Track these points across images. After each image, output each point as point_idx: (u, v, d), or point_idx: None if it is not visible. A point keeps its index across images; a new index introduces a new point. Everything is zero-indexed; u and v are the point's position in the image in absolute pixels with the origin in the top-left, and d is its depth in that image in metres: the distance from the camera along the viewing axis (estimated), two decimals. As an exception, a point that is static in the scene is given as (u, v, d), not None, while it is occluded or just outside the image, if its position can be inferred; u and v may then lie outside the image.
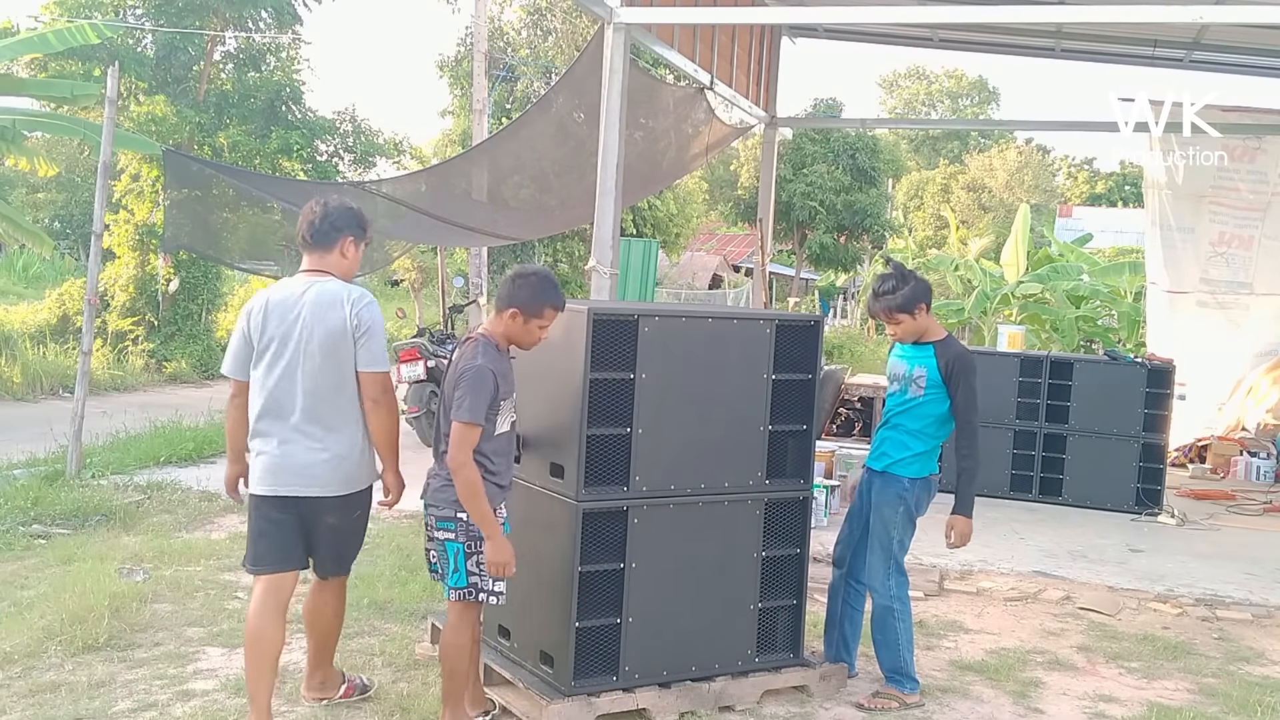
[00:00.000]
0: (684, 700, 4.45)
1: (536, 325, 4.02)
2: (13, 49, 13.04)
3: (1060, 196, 50.98)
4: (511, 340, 4.06)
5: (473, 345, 4.00)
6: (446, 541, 4.00)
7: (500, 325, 4.03)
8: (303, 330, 4.00)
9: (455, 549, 3.98)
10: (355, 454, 4.11)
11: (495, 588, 4.01)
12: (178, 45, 16.71)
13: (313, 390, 4.01)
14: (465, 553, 3.97)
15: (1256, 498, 9.75)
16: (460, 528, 3.96)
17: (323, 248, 4.11)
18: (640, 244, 18.26)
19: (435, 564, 4.09)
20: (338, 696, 4.41)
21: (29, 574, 6.03)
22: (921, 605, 6.22)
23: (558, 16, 24.06)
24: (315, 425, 4.02)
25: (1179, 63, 12.60)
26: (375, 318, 4.07)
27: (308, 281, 4.08)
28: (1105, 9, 8.27)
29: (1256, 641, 5.90)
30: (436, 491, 4.03)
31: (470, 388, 3.85)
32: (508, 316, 4.00)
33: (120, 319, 16.20)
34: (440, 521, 4.01)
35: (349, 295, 4.04)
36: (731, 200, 33.33)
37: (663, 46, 9.77)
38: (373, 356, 4.05)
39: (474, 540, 3.96)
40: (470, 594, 4.00)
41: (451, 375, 3.99)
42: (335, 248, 4.12)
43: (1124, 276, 18.23)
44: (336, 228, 4.11)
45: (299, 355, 4.00)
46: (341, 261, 4.14)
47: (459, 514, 3.94)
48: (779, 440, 4.68)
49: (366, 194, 11.22)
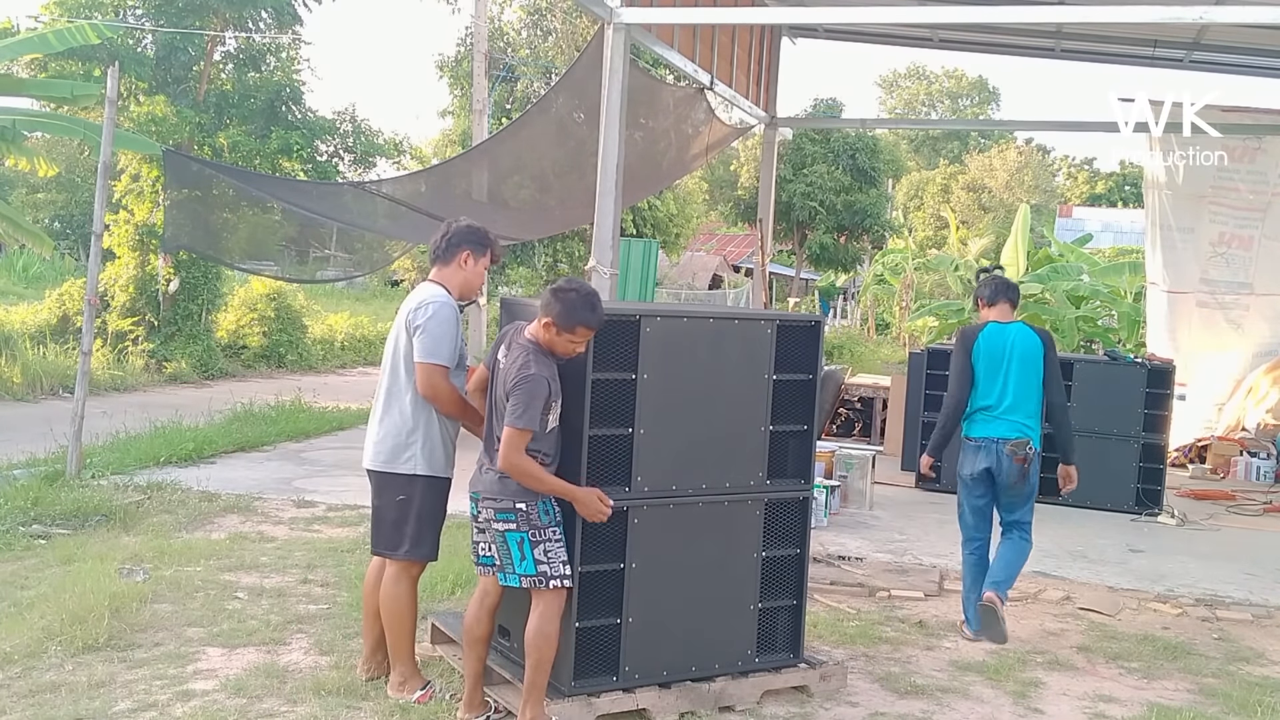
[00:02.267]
0: (684, 700, 4.45)
1: (568, 340, 4.07)
2: (13, 49, 13.03)
3: (1060, 196, 51.03)
4: (551, 349, 4.11)
5: (521, 350, 4.07)
6: (508, 533, 4.07)
7: (541, 333, 4.09)
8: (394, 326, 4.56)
9: (519, 538, 4.07)
10: (401, 437, 4.42)
11: (564, 571, 4.09)
12: (178, 45, 16.69)
13: (383, 376, 4.56)
14: (531, 541, 4.06)
15: (1256, 498, 9.76)
16: (521, 517, 4.06)
17: (442, 261, 4.56)
18: (640, 244, 18.21)
19: (488, 556, 4.15)
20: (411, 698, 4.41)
21: (29, 574, 6.03)
22: (921, 605, 6.22)
23: (558, 16, 24.04)
24: (378, 406, 4.52)
25: (1179, 63, 12.61)
26: (436, 315, 4.36)
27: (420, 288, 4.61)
28: (1105, 9, 8.28)
29: (1256, 641, 5.90)
30: (493, 483, 4.10)
31: (526, 396, 3.97)
32: (542, 325, 4.07)
33: (120, 319, 16.19)
34: (500, 514, 4.08)
35: (426, 296, 4.44)
36: (731, 200, 33.32)
37: (663, 47, 9.77)
38: (423, 349, 4.35)
39: (536, 529, 4.06)
40: (541, 581, 4.07)
41: (503, 380, 4.07)
42: (453, 261, 4.55)
43: (1124, 276, 18.24)
44: (454, 244, 4.55)
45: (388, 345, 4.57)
46: (459, 272, 4.56)
47: (518, 504, 4.05)
48: (780, 440, 4.68)
49: (367, 194, 11.24)
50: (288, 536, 7.10)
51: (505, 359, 4.13)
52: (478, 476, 4.19)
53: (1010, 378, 5.67)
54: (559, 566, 4.09)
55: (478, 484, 4.18)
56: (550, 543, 4.09)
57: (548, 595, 4.10)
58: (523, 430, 3.97)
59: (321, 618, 5.47)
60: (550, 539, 4.09)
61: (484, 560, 4.18)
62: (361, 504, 7.96)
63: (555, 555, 4.09)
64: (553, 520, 4.12)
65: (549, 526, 4.10)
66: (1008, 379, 5.68)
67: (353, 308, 25.49)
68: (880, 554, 7.16)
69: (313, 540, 7.02)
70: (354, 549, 6.77)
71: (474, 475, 4.22)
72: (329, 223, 11.29)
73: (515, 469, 3.99)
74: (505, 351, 4.15)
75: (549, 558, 4.08)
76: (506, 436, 3.97)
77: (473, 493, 4.20)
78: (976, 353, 5.74)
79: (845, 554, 7.04)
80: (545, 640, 4.10)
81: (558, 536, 4.11)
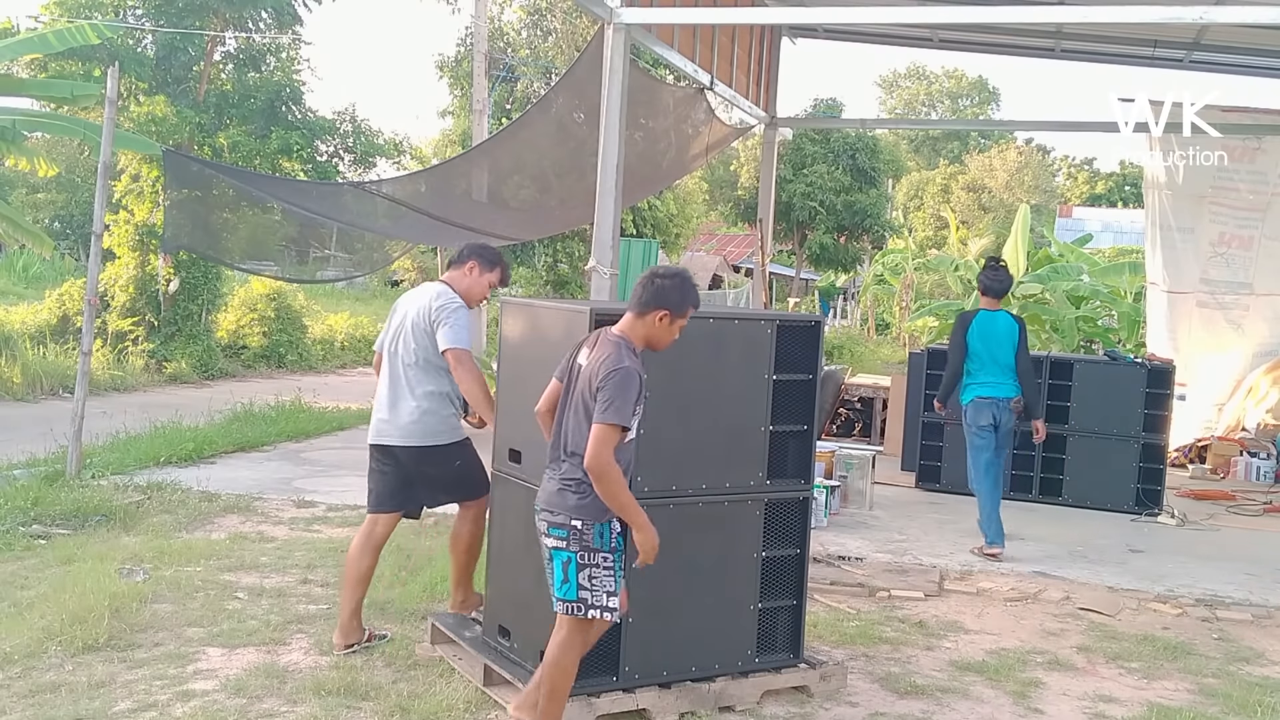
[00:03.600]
0: (684, 700, 4.45)
1: (679, 326, 3.95)
2: (13, 49, 13.03)
3: (1060, 196, 51.03)
4: (651, 343, 3.95)
5: (612, 346, 3.84)
6: (555, 550, 3.84)
7: (641, 328, 3.92)
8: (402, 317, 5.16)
9: (565, 558, 3.82)
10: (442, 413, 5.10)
11: (608, 604, 3.84)
12: (178, 45, 16.69)
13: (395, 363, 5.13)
14: (577, 564, 3.81)
15: (1256, 498, 9.75)
16: (573, 536, 3.81)
17: (456, 266, 5.24)
18: (640, 244, 18.22)
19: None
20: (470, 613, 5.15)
21: (29, 574, 6.03)
22: (921, 605, 6.22)
23: (558, 16, 24.03)
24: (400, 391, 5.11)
25: (1179, 63, 12.60)
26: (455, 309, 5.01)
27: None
28: (1105, 9, 8.27)
29: (1256, 641, 5.90)
30: (552, 495, 3.88)
31: (619, 389, 3.72)
32: (655, 318, 3.90)
33: (120, 319, 16.19)
34: (552, 528, 3.85)
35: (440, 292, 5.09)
36: (731, 200, 33.30)
37: (663, 47, 9.76)
38: (454, 337, 4.96)
39: (587, 551, 3.81)
40: (579, 609, 3.83)
41: (589, 378, 3.83)
42: (462, 267, 5.20)
43: (1124, 276, 18.23)
44: (465, 255, 5.22)
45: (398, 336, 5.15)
46: (464, 279, 5.17)
47: (573, 520, 3.81)
48: (780, 440, 4.69)
49: (367, 194, 11.23)
50: (288, 536, 7.10)
51: (588, 359, 3.89)
52: (541, 487, 3.98)
53: (1002, 354, 7.37)
54: (602, 596, 3.82)
55: (539, 495, 3.98)
56: (598, 569, 3.82)
57: (575, 623, 3.87)
58: (613, 426, 3.70)
59: (321, 618, 5.47)
60: (600, 565, 3.82)
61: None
62: (361, 504, 7.96)
63: (601, 584, 3.82)
64: (607, 545, 3.83)
65: (601, 551, 3.82)
66: (996, 356, 7.37)
67: (353, 308, 25.49)
68: (880, 554, 7.15)
69: (313, 540, 7.02)
70: (354, 549, 6.77)
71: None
72: (329, 223, 11.28)
73: (602, 470, 3.69)
74: (587, 353, 3.92)
75: (593, 585, 3.82)
76: (597, 433, 3.70)
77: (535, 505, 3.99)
78: (972, 333, 7.41)
79: (845, 554, 7.04)
80: (560, 672, 3.90)
81: (609, 564, 3.84)
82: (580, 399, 3.85)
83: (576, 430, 3.84)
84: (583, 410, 3.82)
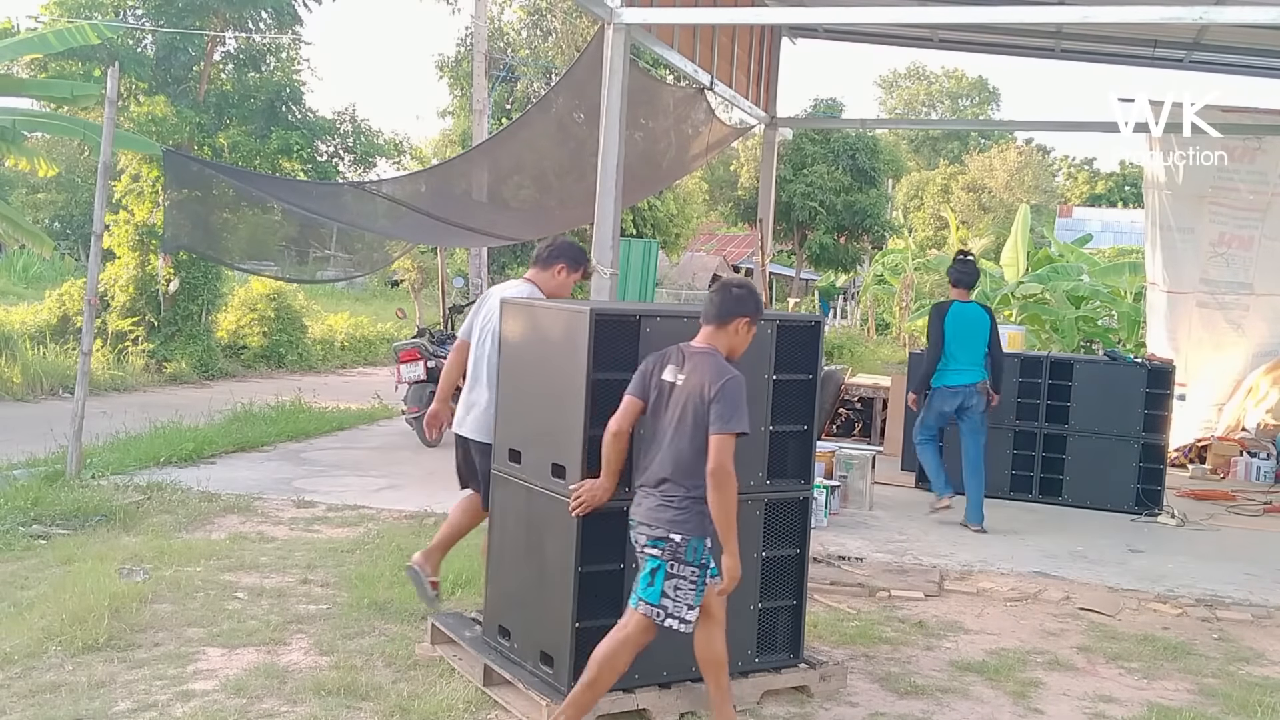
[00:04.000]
0: (684, 700, 4.45)
1: (753, 333, 4.14)
2: (13, 49, 13.03)
3: (1060, 197, 51.02)
4: (732, 351, 4.09)
5: (710, 358, 3.99)
6: (649, 558, 3.98)
7: (724, 337, 4.06)
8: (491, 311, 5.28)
9: (655, 565, 3.96)
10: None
11: (685, 616, 3.96)
12: (178, 45, 16.69)
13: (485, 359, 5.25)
14: (665, 573, 3.95)
15: (1256, 498, 9.75)
16: (669, 549, 3.95)
17: (541, 266, 5.26)
18: (640, 244, 18.21)
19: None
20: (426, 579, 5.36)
21: (29, 574, 6.03)
22: (921, 605, 6.22)
23: (558, 17, 24.05)
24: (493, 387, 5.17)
25: (1179, 63, 12.59)
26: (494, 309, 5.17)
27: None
28: (1105, 9, 8.26)
29: (1256, 642, 5.90)
30: (651, 510, 4.00)
31: (736, 398, 3.87)
32: (736, 327, 4.07)
33: (120, 319, 16.18)
34: (651, 540, 3.98)
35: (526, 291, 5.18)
36: (731, 200, 33.31)
37: (663, 47, 9.76)
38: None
39: (678, 563, 3.95)
40: (658, 614, 3.96)
41: (695, 391, 3.92)
42: (550, 269, 5.23)
43: (1124, 277, 18.23)
44: (554, 256, 5.23)
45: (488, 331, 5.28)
46: (552, 279, 5.24)
47: (672, 535, 3.94)
48: (780, 441, 4.68)
49: (367, 194, 11.23)
50: (288, 536, 7.10)
51: (685, 376, 3.98)
52: (637, 501, 4.08)
53: (975, 342, 7.97)
54: (682, 609, 3.96)
55: (634, 509, 4.08)
56: (684, 582, 3.96)
57: (645, 625, 3.99)
58: (735, 435, 3.85)
59: (321, 618, 5.47)
60: (686, 578, 3.96)
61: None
62: (361, 504, 7.99)
63: (683, 596, 3.96)
64: (696, 560, 3.96)
65: (690, 565, 3.96)
66: (974, 343, 7.98)
67: (353, 308, 25.49)
68: (880, 554, 7.15)
69: (313, 540, 7.02)
70: (354, 549, 6.78)
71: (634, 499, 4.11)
72: (329, 223, 11.28)
73: (726, 477, 3.83)
74: (675, 370, 4.02)
75: (676, 595, 3.95)
76: (720, 443, 3.83)
77: (630, 519, 4.10)
78: (948, 324, 8.00)
79: (845, 554, 7.04)
80: (610, 668, 4.00)
81: (694, 579, 3.97)
82: (687, 414, 3.94)
83: (680, 447, 3.95)
84: (691, 425, 3.92)
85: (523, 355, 4.79)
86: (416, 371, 10.60)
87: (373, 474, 9.28)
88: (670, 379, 4.03)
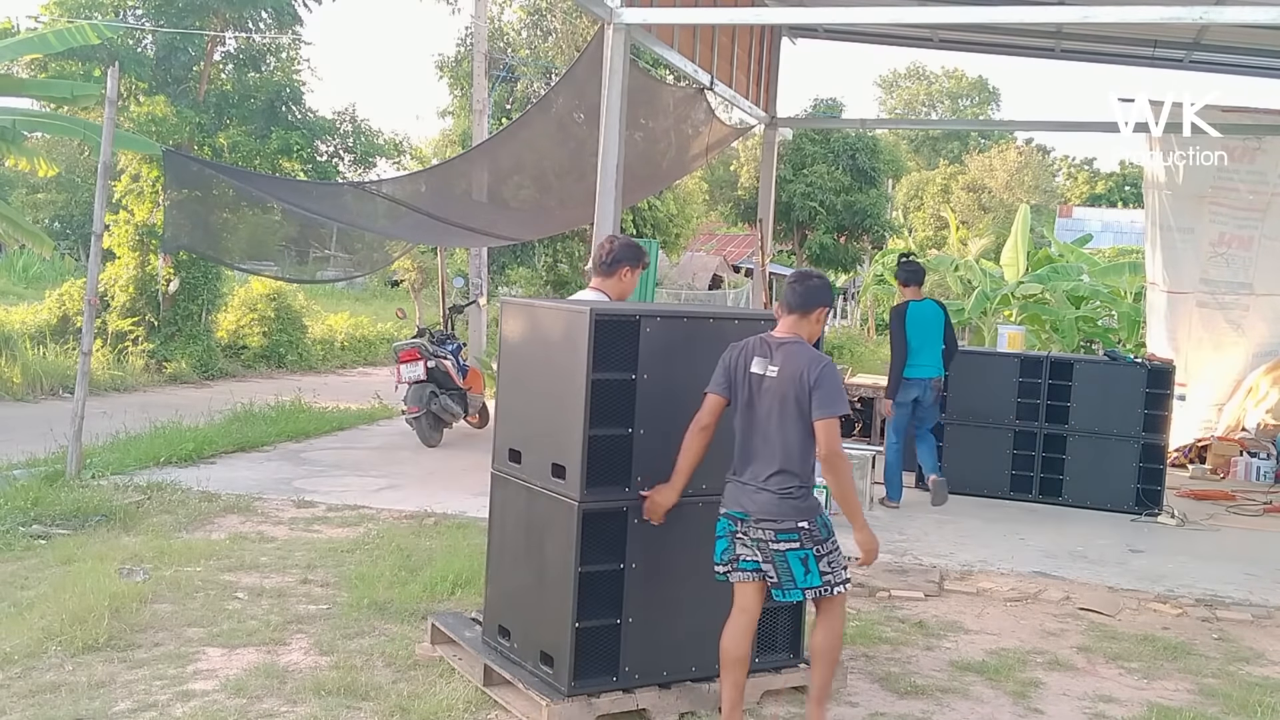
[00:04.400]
0: (684, 700, 4.45)
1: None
2: (13, 49, 13.03)
3: (1060, 197, 50.97)
4: (812, 338, 4.22)
5: (801, 346, 4.13)
6: (789, 553, 4.06)
7: (806, 326, 4.19)
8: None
9: (803, 555, 4.07)
10: None
11: (845, 576, 4.20)
12: (178, 45, 16.69)
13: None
14: (815, 556, 4.09)
15: (1256, 498, 9.75)
16: (804, 535, 4.07)
17: (604, 274, 5.16)
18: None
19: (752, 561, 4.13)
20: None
21: (29, 574, 6.03)
22: (921, 605, 6.22)
23: (558, 17, 24.03)
24: None
25: (1179, 63, 12.59)
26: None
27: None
28: (1105, 9, 8.26)
29: (1256, 642, 5.90)
30: (770, 503, 4.07)
31: (836, 382, 4.04)
32: (819, 315, 4.21)
33: (120, 319, 16.18)
34: (780, 534, 4.06)
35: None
36: (731, 200, 33.29)
37: (663, 47, 9.76)
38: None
39: (819, 544, 4.09)
40: (827, 589, 4.12)
41: (794, 380, 4.03)
42: (614, 274, 5.15)
43: (1124, 277, 18.20)
44: (617, 260, 5.13)
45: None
46: (618, 284, 5.16)
47: (800, 524, 4.06)
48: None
49: (366, 194, 11.23)
50: (288, 537, 7.10)
51: (779, 367, 4.08)
52: (741, 497, 4.13)
53: (931, 338, 8.35)
54: (841, 573, 4.17)
55: (744, 504, 4.11)
56: (833, 553, 4.13)
57: (835, 602, 4.17)
58: (838, 418, 4.02)
59: (321, 618, 5.47)
60: (831, 549, 4.13)
61: (745, 565, 4.14)
62: (361, 504, 7.99)
63: (837, 562, 4.14)
64: (828, 531, 4.14)
65: (828, 539, 4.13)
66: (930, 339, 8.37)
67: (353, 308, 25.49)
68: (880, 554, 7.11)
69: (313, 540, 7.02)
70: (354, 549, 6.78)
71: (731, 496, 4.17)
72: (329, 223, 11.28)
73: (839, 458, 4.04)
74: (764, 362, 4.11)
75: (833, 567, 4.13)
76: (828, 427, 3.99)
77: (736, 512, 4.14)
78: (909, 323, 8.38)
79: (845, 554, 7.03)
80: (839, 646, 4.23)
81: (835, 544, 4.16)
82: (788, 404, 4.05)
83: (789, 438, 4.06)
84: (794, 414, 4.04)
85: (523, 355, 4.79)
86: (416, 371, 10.59)
87: (373, 474, 9.28)
88: (760, 371, 4.12)
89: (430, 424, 10.57)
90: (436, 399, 10.60)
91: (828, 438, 4.00)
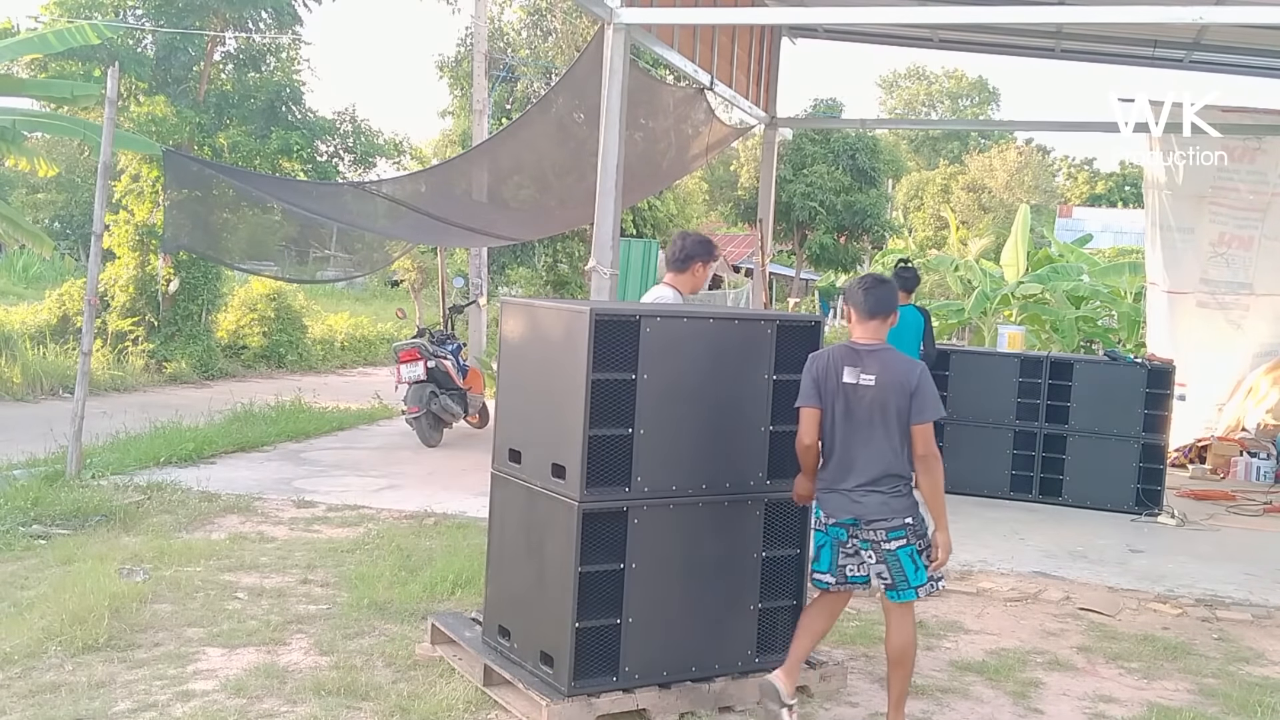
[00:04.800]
0: (684, 700, 4.45)
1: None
2: (13, 49, 13.02)
3: (1060, 197, 50.96)
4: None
5: (891, 351, 4.31)
6: (900, 549, 4.23)
7: (883, 330, 4.36)
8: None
9: (909, 551, 4.24)
10: None
11: (943, 572, 4.38)
12: (178, 45, 16.68)
13: None
14: (918, 550, 4.25)
15: (1256, 498, 9.75)
16: (910, 531, 4.25)
17: (677, 269, 5.30)
18: (640, 244, 18.20)
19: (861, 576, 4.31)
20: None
21: (29, 574, 6.03)
22: (921, 605, 6.16)
23: (558, 17, 24.02)
24: None
25: (1179, 63, 12.59)
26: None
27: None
28: (1105, 9, 8.27)
29: (1256, 642, 5.90)
30: (879, 505, 4.23)
31: (934, 389, 4.25)
32: (893, 319, 4.39)
33: (120, 319, 16.17)
34: (891, 533, 4.23)
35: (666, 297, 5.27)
36: (731, 200, 33.28)
37: (663, 47, 9.76)
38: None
39: (920, 538, 4.27)
40: (933, 587, 4.32)
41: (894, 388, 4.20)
42: (687, 270, 5.29)
43: (1124, 277, 18.20)
44: (690, 257, 5.26)
45: None
46: (691, 279, 5.31)
47: (905, 519, 4.24)
48: (780, 440, 4.67)
49: (366, 194, 11.23)
50: (288, 537, 7.10)
51: (870, 375, 4.21)
52: (848, 504, 4.27)
53: (910, 345, 8.03)
54: (938, 569, 4.32)
55: (853, 510, 4.26)
56: (929, 550, 4.28)
57: (908, 607, 4.32)
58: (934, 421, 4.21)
59: (321, 618, 5.47)
60: (928, 546, 4.29)
61: (854, 579, 4.34)
62: (361, 504, 7.99)
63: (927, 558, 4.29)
64: (924, 529, 4.29)
65: (925, 535, 4.28)
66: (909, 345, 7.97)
67: (353, 308, 25.49)
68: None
69: (313, 540, 7.02)
70: (354, 549, 6.78)
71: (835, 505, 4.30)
72: (329, 223, 11.28)
73: (936, 462, 4.20)
74: (857, 370, 4.23)
75: (929, 563, 4.28)
76: (925, 432, 4.19)
77: (846, 519, 4.28)
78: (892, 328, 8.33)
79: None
80: (914, 649, 4.38)
81: (930, 542, 4.29)
82: (889, 410, 4.22)
83: (893, 442, 4.23)
84: (895, 418, 4.21)
85: (523, 356, 4.79)
86: (416, 371, 10.60)
87: (373, 474, 9.28)
88: (853, 380, 4.26)
89: (430, 424, 10.57)
90: (436, 399, 10.60)
91: (927, 440, 4.20)
